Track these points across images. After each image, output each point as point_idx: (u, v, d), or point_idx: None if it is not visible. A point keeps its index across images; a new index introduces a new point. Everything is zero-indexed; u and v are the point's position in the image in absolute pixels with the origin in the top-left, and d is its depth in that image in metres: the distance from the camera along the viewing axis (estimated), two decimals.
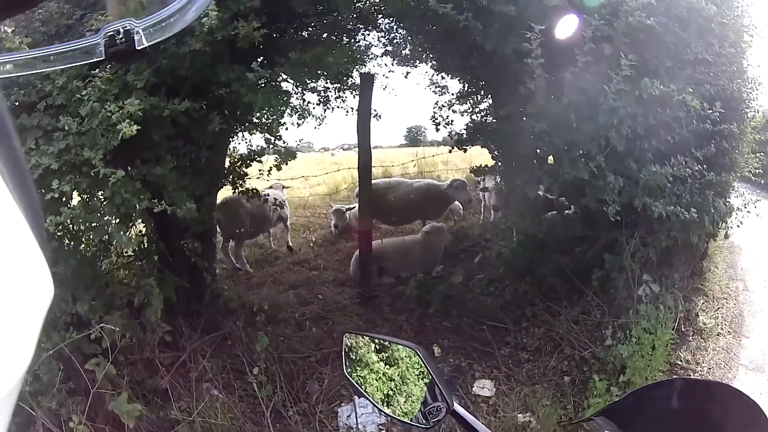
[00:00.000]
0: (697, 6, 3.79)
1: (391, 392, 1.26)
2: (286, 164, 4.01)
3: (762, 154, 5.16)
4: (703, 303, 4.76)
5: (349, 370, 1.34)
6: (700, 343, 4.42)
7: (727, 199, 4.66)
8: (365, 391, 1.24)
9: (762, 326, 4.80)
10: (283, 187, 6.64)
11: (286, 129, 4.26)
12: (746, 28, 4.55)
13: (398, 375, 1.29)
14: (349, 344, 1.37)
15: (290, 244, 6.86)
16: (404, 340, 1.27)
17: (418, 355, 1.21)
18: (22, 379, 0.33)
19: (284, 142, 4.04)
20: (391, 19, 4.56)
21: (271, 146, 4.00)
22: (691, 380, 2.26)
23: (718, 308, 4.87)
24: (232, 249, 6.08)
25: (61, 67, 0.54)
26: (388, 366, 1.33)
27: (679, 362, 4.15)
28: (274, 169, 4.17)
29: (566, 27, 3.49)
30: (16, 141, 0.35)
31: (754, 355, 4.40)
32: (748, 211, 4.58)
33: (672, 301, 4.18)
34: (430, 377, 1.12)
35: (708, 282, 5.07)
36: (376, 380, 1.32)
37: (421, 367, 1.17)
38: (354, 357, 1.36)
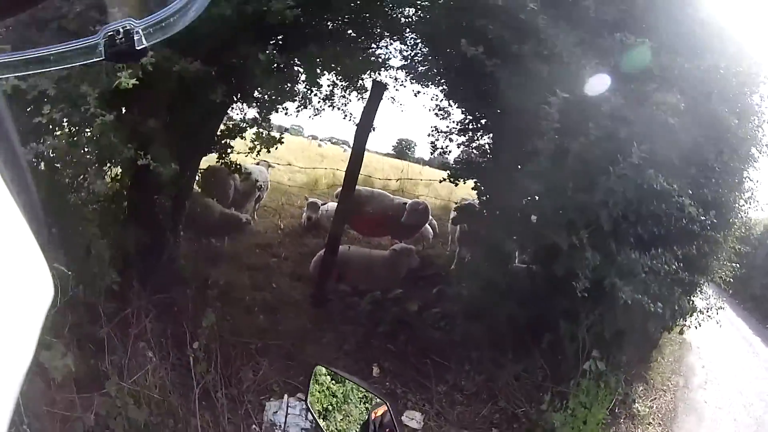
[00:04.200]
0: (720, 115, 3.87)
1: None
2: (272, 149, 4.01)
3: (737, 264, 5.33)
4: (642, 390, 4.91)
5: (312, 399, 1.38)
6: (630, 428, 4.56)
7: (692, 298, 4.80)
8: (323, 426, 1.31)
9: (693, 426, 4.98)
10: (269, 166, 6.60)
11: (286, 114, 4.27)
12: (758, 143, 4.66)
13: (357, 417, 1.35)
14: (318, 376, 1.41)
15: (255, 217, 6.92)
16: (374, 388, 1.33)
17: (389, 409, 1.28)
18: (22, 379, 0.33)
19: (270, 128, 4.05)
20: (416, 35, 4.56)
21: (259, 128, 4.01)
22: None
23: (655, 398, 5.03)
24: None
25: (61, 67, 0.52)
26: (351, 407, 1.38)
27: None
28: (263, 149, 4.14)
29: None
30: (16, 141, 0.36)
31: None
32: (710, 316, 4.73)
33: (614, 383, 4.30)
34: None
35: (652, 371, 5.24)
36: (338, 418, 1.37)
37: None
38: (320, 390, 1.40)
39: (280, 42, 3.96)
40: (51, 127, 3.20)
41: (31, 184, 0.36)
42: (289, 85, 3.94)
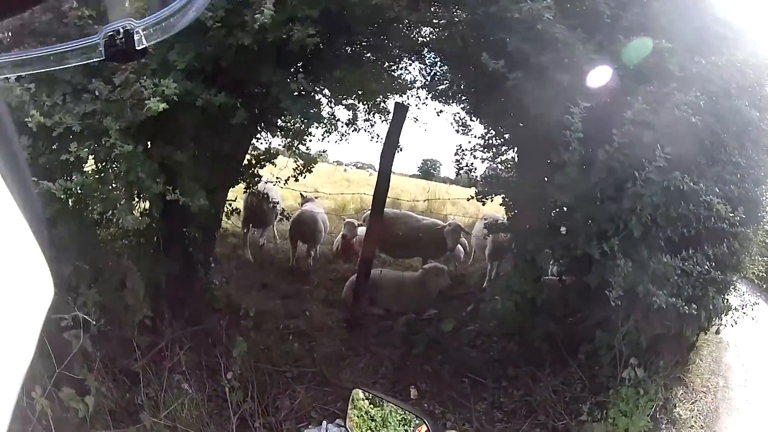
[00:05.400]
0: (741, 109, 3.83)
1: None
2: (309, 172, 4.04)
3: None
4: (682, 393, 4.83)
5: (351, 424, 1.38)
6: None
7: (726, 297, 4.74)
8: None
9: (735, 426, 4.87)
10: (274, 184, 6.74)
11: (310, 140, 4.32)
12: None
13: None
14: (357, 400, 1.41)
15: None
16: (413, 407, 1.33)
17: (428, 428, 1.27)
18: (22, 378, 0.34)
19: (307, 148, 4.12)
20: (436, 54, 4.62)
21: (294, 150, 4.05)
22: None
23: (695, 401, 4.93)
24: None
25: (62, 67, 0.52)
26: (390, 430, 1.37)
27: None
28: (292, 176, 4.20)
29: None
30: (16, 142, 0.36)
31: None
32: (745, 313, 4.66)
33: (653, 388, 4.25)
34: None
35: (690, 374, 5.14)
36: None
37: None
38: (358, 414, 1.40)
39: (301, 69, 4.01)
40: (78, 164, 3.26)
41: (31, 184, 0.37)
42: (313, 110, 3.98)
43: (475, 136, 4.96)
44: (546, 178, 3.78)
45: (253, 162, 4.25)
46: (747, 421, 4.95)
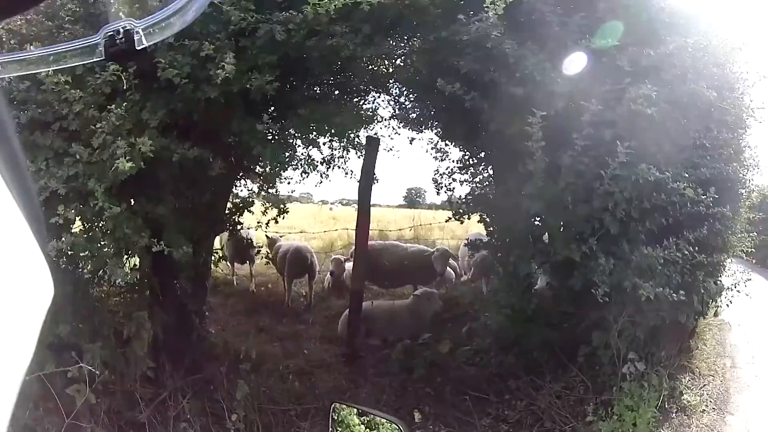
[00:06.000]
0: (699, 92, 3.90)
1: None
2: (286, 212, 4.13)
3: (755, 233, 5.29)
4: (688, 380, 4.81)
5: None
6: (683, 420, 4.45)
7: (718, 279, 4.75)
8: None
9: (748, 403, 4.85)
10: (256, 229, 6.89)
11: (288, 183, 4.41)
12: (746, 109, 4.67)
13: None
14: (337, 414, 1.46)
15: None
16: (387, 413, 1.37)
17: (399, 428, 1.31)
18: (22, 378, 0.34)
19: (276, 191, 4.20)
20: (401, 85, 4.74)
21: (262, 193, 4.14)
22: None
23: (704, 385, 4.93)
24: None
25: (62, 66, 0.55)
26: None
27: None
28: (272, 218, 4.29)
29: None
30: (16, 142, 0.36)
31: None
32: (738, 291, 4.68)
33: (657, 380, 4.25)
34: None
35: (695, 359, 5.14)
36: None
37: None
38: (341, 428, 1.45)
39: (271, 114, 4.11)
40: (66, 225, 3.36)
41: (31, 184, 0.37)
42: (288, 153, 4.07)
43: (453, 161, 5.07)
44: (522, 192, 3.84)
45: (233, 209, 4.35)
46: (758, 396, 4.93)
